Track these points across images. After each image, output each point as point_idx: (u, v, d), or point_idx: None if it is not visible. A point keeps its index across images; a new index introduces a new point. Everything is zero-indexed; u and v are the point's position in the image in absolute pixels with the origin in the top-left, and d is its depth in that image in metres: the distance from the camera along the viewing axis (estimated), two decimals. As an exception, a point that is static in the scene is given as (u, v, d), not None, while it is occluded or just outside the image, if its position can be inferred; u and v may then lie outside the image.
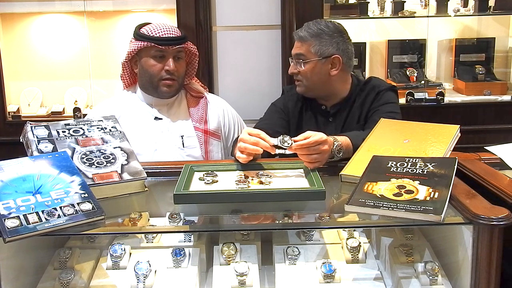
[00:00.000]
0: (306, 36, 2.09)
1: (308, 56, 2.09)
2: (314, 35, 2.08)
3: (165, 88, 2.17)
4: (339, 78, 2.13)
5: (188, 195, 1.45)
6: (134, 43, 2.16)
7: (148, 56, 2.15)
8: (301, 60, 2.10)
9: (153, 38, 2.12)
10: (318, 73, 2.10)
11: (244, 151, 1.66)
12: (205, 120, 2.27)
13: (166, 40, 2.12)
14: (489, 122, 2.94)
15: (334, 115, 2.17)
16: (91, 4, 3.00)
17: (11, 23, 3.07)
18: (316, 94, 2.17)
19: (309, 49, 2.09)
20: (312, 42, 2.08)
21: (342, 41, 2.11)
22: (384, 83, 2.20)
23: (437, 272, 1.38)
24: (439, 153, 1.61)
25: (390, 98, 2.13)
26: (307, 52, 2.09)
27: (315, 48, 2.08)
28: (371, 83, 2.18)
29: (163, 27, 2.15)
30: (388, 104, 2.10)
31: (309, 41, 2.09)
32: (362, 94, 2.16)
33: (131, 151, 1.64)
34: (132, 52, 2.17)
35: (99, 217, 1.30)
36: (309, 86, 2.13)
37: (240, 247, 1.53)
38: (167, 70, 2.14)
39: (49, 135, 1.61)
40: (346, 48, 2.12)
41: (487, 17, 3.22)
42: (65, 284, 1.40)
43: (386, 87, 2.15)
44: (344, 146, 1.71)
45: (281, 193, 1.46)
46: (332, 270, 1.42)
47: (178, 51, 2.18)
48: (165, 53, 2.14)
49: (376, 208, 1.29)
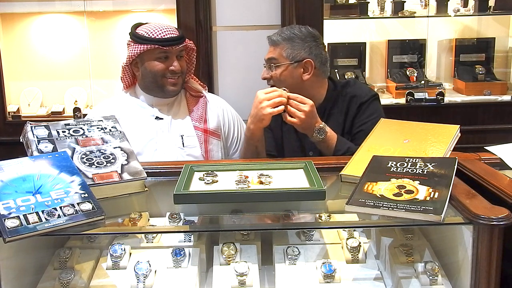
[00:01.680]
0: (278, 40, 2.08)
1: (280, 60, 2.08)
2: (287, 39, 2.07)
3: (171, 87, 2.18)
4: (312, 83, 2.11)
5: (188, 195, 1.45)
6: (135, 46, 2.14)
7: (151, 59, 2.14)
8: (273, 64, 2.09)
9: (155, 40, 2.11)
10: (290, 77, 2.08)
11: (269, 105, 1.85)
12: (204, 120, 2.27)
13: (169, 41, 2.12)
14: (489, 122, 2.95)
15: None
16: (91, 4, 3.00)
17: (11, 23, 3.07)
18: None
19: (281, 53, 2.08)
20: (284, 46, 2.07)
21: (315, 46, 2.09)
22: (365, 92, 2.16)
23: (437, 272, 1.38)
24: (439, 153, 1.61)
25: (373, 109, 2.10)
26: (279, 56, 2.08)
27: (287, 52, 2.07)
28: (351, 91, 2.15)
29: (163, 28, 2.14)
30: (373, 118, 2.04)
31: (281, 44, 2.08)
32: (342, 101, 2.13)
33: (131, 151, 1.64)
34: (134, 56, 2.15)
35: (99, 217, 1.29)
36: None
37: (240, 247, 1.52)
38: (172, 70, 2.15)
39: (49, 135, 1.61)
40: (319, 53, 2.10)
41: (487, 17, 3.23)
42: (65, 284, 1.40)
43: (368, 98, 2.12)
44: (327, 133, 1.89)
45: (281, 193, 1.46)
46: (332, 270, 1.42)
47: (180, 50, 2.19)
48: (169, 54, 2.14)
49: (376, 208, 1.29)
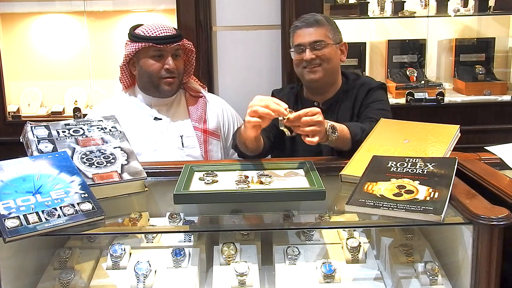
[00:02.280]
0: (322, 20, 2.09)
1: (327, 40, 2.09)
2: (327, 21, 2.11)
3: (166, 87, 2.17)
4: (340, 68, 2.17)
5: (188, 195, 1.45)
6: (131, 45, 2.16)
7: (146, 57, 2.15)
8: (323, 44, 2.08)
9: (150, 38, 2.12)
10: (335, 57, 2.12)
11: (254, 114, 1.62)
12: (204, 120, 2.27)
13: (163, 39, 2.12)
14: (489, 122, 2.94)
15: (326, 111, 2.13)
16: (91, 4, 3.00)
17: (11, 23, 3.07)
18: (326, 81, 2.14)
19: (326, 33, 2.09)
20: (327, 27, 2.10)
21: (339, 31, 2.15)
22: (374, 81, 2.20)
23: (437, 272, 1.38)
24: (439, 153, 1.61)
25: (380, 95, 2.12)
26: (325, 37, 2.09)
27: (331, 33, 2.10)
28: (361, 80, 2.19)
29: (159, 27, 2.15)
30: (379, 101, 2.09)
31: (325, 25, 2.09)
32: (353, 90, 2.16)
33: (131, 151, 1.64)
34: (130, 54, 2.17)
35: (99, 217, 1.30)
36: (327, 70, 2.10)
37: (240, 247, 1.52)
38: (167, 68, 2.14)
39: (49, 135, 1.61)
40: None
41: (487, 17, 3.22)
42: (65, 284, 1.40)
43: (376, 85, 2.15)
44: (337, 127, 1.71)
45: (281, 193, 1.46)
46: (332, 270, 1.42)
47: (176, 49, 2.18)
48: (163, 52, 2.14)
49: (376, 208, 1.29)
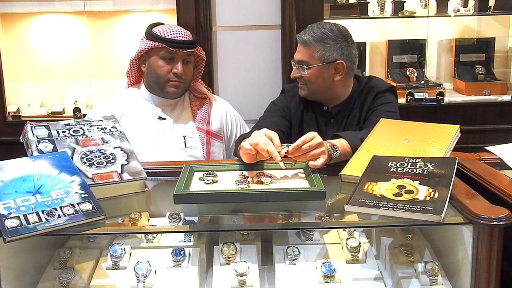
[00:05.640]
0: (309, 41, 2.02)
1: (311, 62, 2.04)
2: (318, 40, 2.02)
3: (172, 89, 2.17)
4: (341, 83, 2.10)
5: (188, 195, 1.45)
6: (145, 41, 2.16)
7: (157, 57, 2.15)
8: (304, 66, 2.05)
9: (164, 39, 2.12)
10: (321, 78, 2.06)
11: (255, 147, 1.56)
12: (207, 121, 2.27)
13: (177, 43, 2.12)
14: (489, 122, 2.94)
15: (335, 116, 2.15)
16: (91, 4, 3.00)
17: (11, 23, 3.07)
18: (318, 98, 2.14)
19: (312, 54, 2.03)
20: (315, 47, 2.02)
21: (346, 46, 2.05)
22: (383, 83, 2.18)
23: (437, 272, 1.38)
24: (439, 153, 1.61)
25: (388, 98, 2.11)
26: (310, 58, 2.04)
27: (319, 53, 2.02)
28: (371, 84, 2.16)
29: (176, 30, 2.15)
30: (387, 104, 2.08)
31: (312, 46, 2.02)
32: (362, 94, 2.15)
33: (131, 151, 1.64)
34: (143, 51, 2.17)
35: (99, 217, 1.30)
36: (312, 90, 2.09)
37: (240, 247, 1.53)
38: (175, 73, 2.14)
39: (49, 135, 1.61)
40: (350, 53, 2.06)
41: (487, 17, 3.22)
42: (65, 284, 1.41)
43: (385, 88, 2.13)
44: (337, 144, 1.69)
45: (281, 193, 1.46)
46: (332, 270, 1.42)
47: (188, 55, 2.18)
48: (174, 56, 2.14)
49: (376, 208, 1.29)
